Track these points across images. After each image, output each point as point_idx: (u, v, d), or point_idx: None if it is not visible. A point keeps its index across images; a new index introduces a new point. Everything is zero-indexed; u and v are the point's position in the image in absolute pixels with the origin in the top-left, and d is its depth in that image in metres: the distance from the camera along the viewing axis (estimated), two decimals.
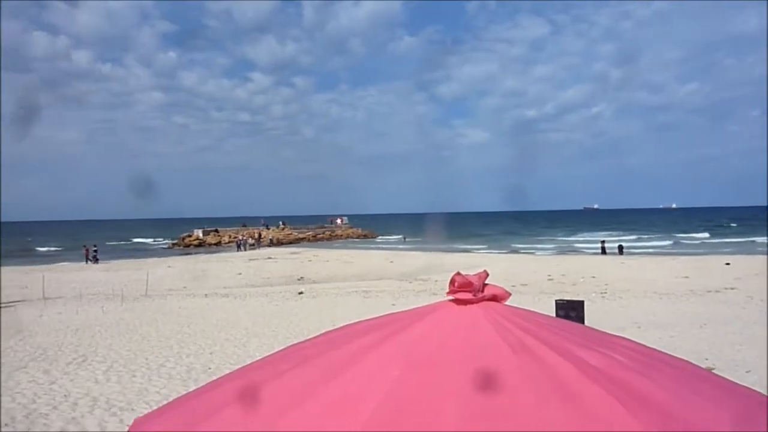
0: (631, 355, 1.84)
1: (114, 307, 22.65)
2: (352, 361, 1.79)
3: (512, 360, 1.68)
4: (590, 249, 58.79)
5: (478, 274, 2.16)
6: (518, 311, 2.13)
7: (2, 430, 8.72)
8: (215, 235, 78.86)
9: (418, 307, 2.29)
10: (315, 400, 1.65)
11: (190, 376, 11.87)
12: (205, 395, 2.04)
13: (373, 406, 1.56)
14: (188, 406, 1.99)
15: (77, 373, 12.18)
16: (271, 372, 1.98)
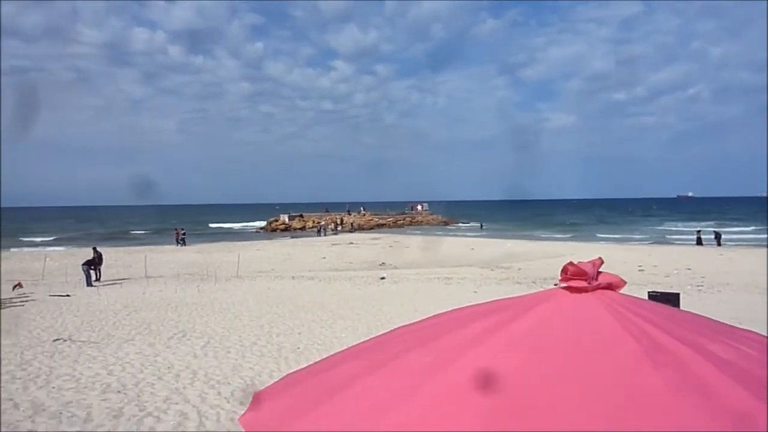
0: (761, 349, 1.75)
1: (208, 286, 23.91)
2: (468, 346, 1.81)
3: (637, 350, 1.64)
4: (684, 239, 55.56)
5: (592, 262, 2.12)
6: (636, 300, 2.07)
7: (115, 394, 9.48)
8: (300, 220, 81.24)
9: (527, 295, 2.28)
10: (436, 382, 1.70)
11: (280, 354, 12.37)
12: (323, 374, 2.14)
13: (496, 392, 1.59)
14: (308, 383, 2.09)
15: (178, 347, 13.01)
16: (386, 354, 2.04)
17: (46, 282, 25.05)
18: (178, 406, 8.98)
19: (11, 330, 15.04)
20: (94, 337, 14.15)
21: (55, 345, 13.21)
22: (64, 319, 16.46)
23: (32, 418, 8.39)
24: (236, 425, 8.06)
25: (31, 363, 11.60)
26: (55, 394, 9.59)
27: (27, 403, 9.09)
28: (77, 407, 8.89)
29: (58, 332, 14.66)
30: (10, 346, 13.18)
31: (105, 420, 8.33)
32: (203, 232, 76.09)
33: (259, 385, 10.06)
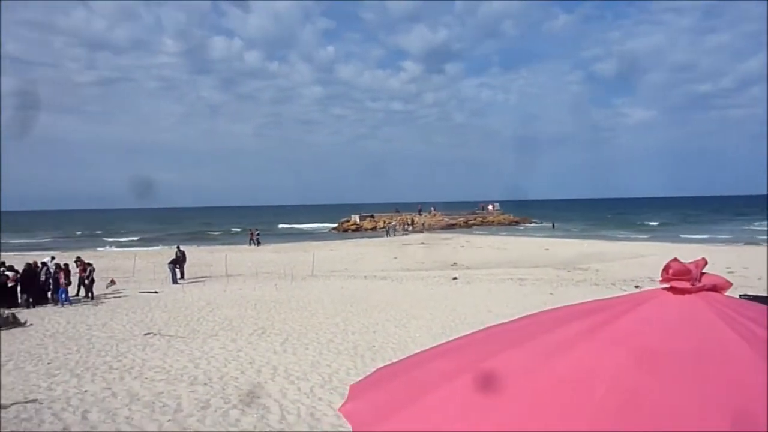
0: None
1: (285, 285, 24.62)
2: (568, 346, 1.81)
3: (750, 354, 1.59)
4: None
5: (696, 262, 2.05)
6: (744, 303, 1.99)
7: (202, 387, 9.95)
8: (371, 221, 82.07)
9: (626, 295, 2.24)
10: (537, 382, 1.70)
11: (356, 352, 12.58)
12: (418, 369, 2.19)
13: (601, 391, 1.58)
14: (404, 378, 2.15)
15: (258, 343, 13.49)
16: (481, 352, 2.07)
17: (136, 279, 26.60)
18: (260, 399, 9.32)
19: (107, 323, 16.10)
20: (181, 331, 14.90)
21: (146, 338, 14.02)
22: (153, 315, 17.43)
23: (128, 406, 8.95)
24: (316, 420, 8.30)
25: (126, 355, 12.37)
26: (148, 384, 10.19)
27: (123, 392, 9.70)
28: (168, 397, 9.41)
29: (149, 326, 15.54)
30: (107, 338, 14.12)
31: (194, 410, 8.76)
32: (276, 233, 78.28)
33: (337, 382, 10.29)
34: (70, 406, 8.99)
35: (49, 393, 9.70)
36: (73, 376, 10.75)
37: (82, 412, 8.67)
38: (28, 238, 70.76)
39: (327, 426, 8.02)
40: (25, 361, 11.90)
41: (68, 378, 10.61)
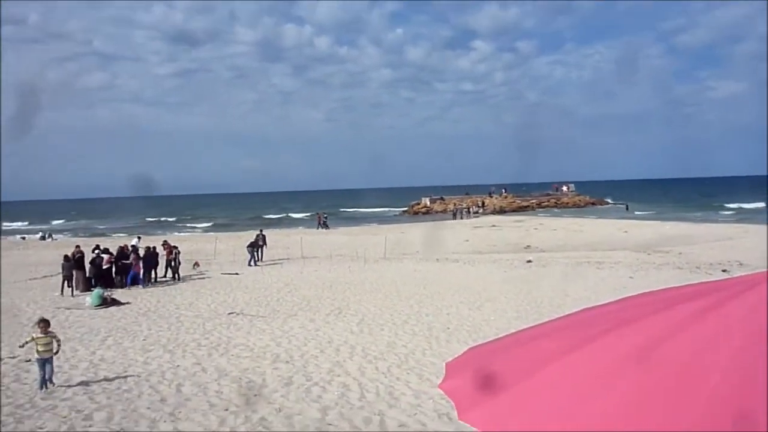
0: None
1: (359, 267, 25.07)
2: (678, 330, 1.78)
3: None
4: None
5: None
6: None
7: (284, 364, 10.36)
8: (441, 203, 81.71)
9: (728, 279, 2.18)
10: (650, 364, 1.69)
11: (431, 333, 12.69)
12: (516, 349, 2.23)
13: (716, 378, 1.56)
14: (502, 357, 2.19)
15: (336, 323, 13.86)
16: (582, 334, 2.07)
17: (218, 261, 27.83)
18: (340, 378, 9.61)
19: (194, 303, 17.00)
20: (262, 311, 15.53)
21: (230, 318, 14.71)
22: (236, 295, 18.23)
23: (218, 381, 9.46)
24: (394, 399, 8.47)
25: (212, 333, 13.04)
26: (234, 361, 10.72)
27: (212, 368, 10.26)
28: (253, 374, 9.87)
29: (231, 306, 16.29)
30: (194, 317, 14.92)
31: (278, 386, 9.16)
32: (346, 217, 79.39)
33: (413, 363, 10.43)
34: (165, 379, 9.61)
35: (145, 367, 10.40)
36: (166, 351, 11.47)
37: (176, 386, 9.25)
38: (115, 223, 75.37)
39: (405, 405, 8.17)
40: (123, 337, 12.78)
41: (162, 353, 11.33)
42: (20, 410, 8.10)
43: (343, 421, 7.54)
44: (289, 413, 7.85)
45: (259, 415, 7.75)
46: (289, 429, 7.22)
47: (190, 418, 7.66)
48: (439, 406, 7.94)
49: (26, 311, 16.25)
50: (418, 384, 9.14)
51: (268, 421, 7.51)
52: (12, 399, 8.64)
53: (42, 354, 8.94)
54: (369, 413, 7.84)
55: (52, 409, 8.16)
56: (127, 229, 61.79)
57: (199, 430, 7.24)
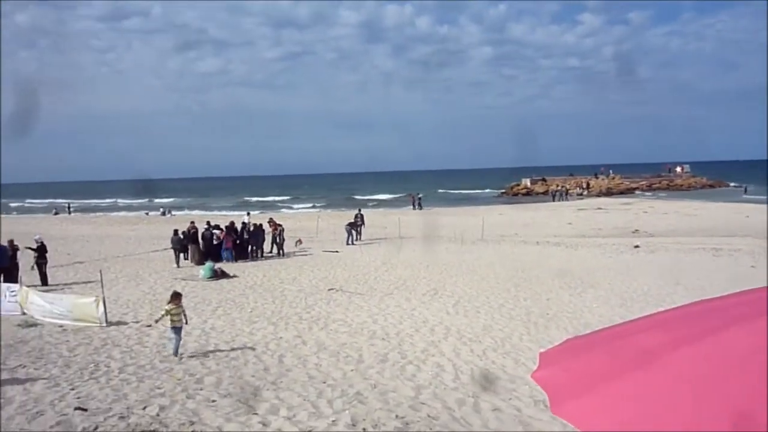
0: None
1: (455, 248, 24.94)
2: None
3: None
4: None
5: None
6: None
7: (380, 341, 10.57)
8: (542, 185, 79.14)
9: None
10: None
11: (529, 319, 12.41)
12: (619, 341, 2.11)
13: None
14: (603, 348, 2.09)
15: (431, 304, 13.91)
16: (695, 328, 1.93)
17: (319, 239, 28.77)
18: (434, 358, 9.66)
19: (296, 278, 17.73)
20: (360, 289, 15.90)
21: (330, 294, 15.19)
22: (335, 272, 18.78)
23: (317, 354, 9.84)
24: (489, 383, 8.39)
25: (313, 308, 13.55)
26: (333, 335, 11.08)
27: (312, 341, 10.67)
28: (351, 349, 10.16)
29: (331, 283, 16.81)
30: (296, 291, 15.56)
31: (374, 363, 9.36)
32: (442, 197, 78.89)
33: (509, 347, 10.27)
34: (268, 350, 10.12)
35: (251, 337, 11.01)
36: (270, 323, 12.06)
37: (279, 356, 9.72)
38: (221, 201, 79.92)
39: (500, 389, 8.08)
40: (231, 308, 13.59)
41: (266, 325, 11.93)
42: (141, 371, 8.87)
43: (436, 401, 7.59)
44: (383, 389, 8.01)
45: (355, 390, 7.98)
46: (384, 405, 7.37)
47: (290, 389, 8.03)
48: (536, 392, 7.76)
49: (148, 280, 17.69)
50: (513, 369, 9.00)
51: (363, 396, 7.71)
52: (135, 360, 9.47)
53: (175, 323, 9.69)
54: (463, 395, 7.83)
55: (168, 371, 8.86)
56: (235, 206, 65.34)
57: (298, 400, 7.57)
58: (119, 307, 13.40)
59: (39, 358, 9.55)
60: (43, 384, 8.16)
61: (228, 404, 7.38)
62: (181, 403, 7.38)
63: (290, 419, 6.91)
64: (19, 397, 7.63)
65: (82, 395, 7.71)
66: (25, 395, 7.70)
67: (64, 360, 9.48)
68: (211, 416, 6.95)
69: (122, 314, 12.86)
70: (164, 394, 7.74)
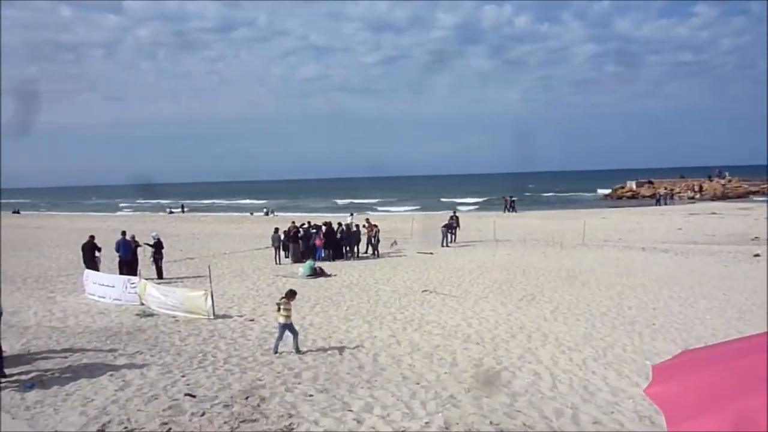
0: None
1: (554, 252, 24.12)
2: None
3: None
4: None
5: None
6: None
7: (474, 345, 10.42)
8: (649, 187, 74.76)
9: None
10: None
11: (633, 328, 11.74)
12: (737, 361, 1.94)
13: None
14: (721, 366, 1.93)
15: (528, 309, 13.54)
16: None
17: (413, 241, 28.88)
18: (531, 365, 9.39)
19: (391, 279, 17.91)
20: (454, 291, 15.78)
21: (424, 295, 15.20)
22: (429, 274, 18.77)
23: (410, 355, 9.87)
24: (590, 394, 8.03)
25: (407, 308, 13.62)
26: (427, 337, 11.07)
27: (406, 341, 10.72)
28: (444, 351, 10.10)
29: (425, 284, 16.81)
30: (391, 292, 15.71)
31: (467, 367, 9.25)
32: (540, 200, 76.57)
33: (612, 357, 9.78)
34: (363, 348, 10.29)
35: (346, 334, 11.25)
36: (365, 322, 12.27)
37: (373, 355, 9.85)
38: (324, 202, 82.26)
39: (601, 401, 7.71)
40: (329, 305, 13.96)
41: (361, 323, 12.15)
42: (244, 362, 9.32)
43: (532, 409, 7.37)
44: (477, 394, 7.89)
45: (448, 393, 7.92)
46: (478, 410, 7.26)
47: (384, 388, 8.11)
48: (641, 407, 7.35)
49: (251, 276, 18.58)
50: (616, 381, 8.56)
51: (456, 400, 7.64)
52: (238, 352, 9.97)
53: (285, 319, 10.07)
54: (561, 405, 7.55)
55: (269, 364, 9.24)
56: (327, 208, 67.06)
57: (392, 399, 7.63)
58: (225, 302, 14.17)
59: (154, 346, 10.30)
60: (157, 370, 8.79)
61: (324, 399, 7.58)
62: (280, 396, 7.68)
63: (384, 418, 6.98)
64: (137, 381, 8.27)
65: (191, 382, 8.22)
66: (142, 379, 8.33)
67: (176, 349, 10.15)
68: (308, 410, 7.17)
69: (228, 308, 13.59)
70: (265, 386, 8.08)
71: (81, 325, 12.07)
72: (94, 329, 11.70)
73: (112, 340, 10.70)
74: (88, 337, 11.00)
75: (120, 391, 7.80)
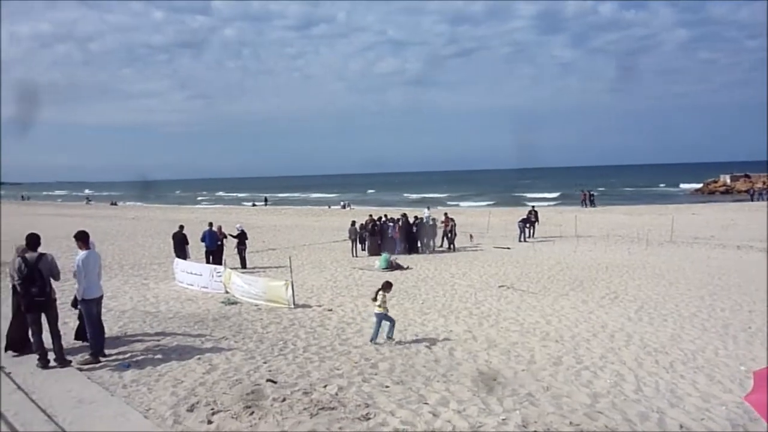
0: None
1: (639, 249, 23.08)
2: None
3: None
4: None
5: None
6: None
7: (553, 343, 10.17)
8: (745, 182, 69.91)
9: None
10: None
11: (726, 332, 11.05)
12: None
13: None
14: None
15: (611, 308, 13.05)
16: None
17: (490, 235, 28.52)
18: (614, 366, 9.05)
19: (467, 273, 17.77)
20: (532, 287, 15.45)
21: (501, 291, 14.98)
22: (506, 269, 18.47)
23: (487, 351, 9.76)
24: (677, 398, 7.65)
25: (483, 303, 13.48)
26: (504, 333, 10.91)
27: (482, 337, 10.62)
28: (522, 348, 9.92)
29: (502, 280, 16.56)
30: (466, 287, 15.60)
31: (546, 365, 9.04)
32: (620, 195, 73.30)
33: (702, 361, 9.26)
34: (439, 341, 10.29)
35: (422, 328, 11.28)
36: (441, 316, 12.25)
37: (449, 349, 9.82)
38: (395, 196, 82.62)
39: (690, 406, 7.32)
40: (404, 299, 14.05)
41: (437, 317, 12.14)
42: (323, 351, 9.55)
43: (615, 411, 7.11)
44: (556, 393, 7.70)
45: (526, 390, 7.78)
46: (557, 409, 7.09)
47: (460, 383, 8.07)
48: (734, 415, 6.93)
49: (329, 268, 19.00)
50: (707, 386, 8.09)
51: (534, 398, 7.49)
52: (317, 341, 10.24)
53: (382, 310, 10.22)
54: (646, 408, 7.23)
55: (346, 354, 9.43)
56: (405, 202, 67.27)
57: (468, 395, 7.59)
58: (305, 292, 14.58)
59: (238, 332, 10.76)
60: (241, 356, 9.18)
61: (400, 391, 7.65)
62: (357, 386, 7.81)
63: (460, 413, 6.95)
64: (223, 365, 8.67)
65: (272, 369, 8.52)
66: (227, 364, 8.72)
67: (258, 336, 10.56)
68: (384, 401, 7.26)
69: (307, 298, 13.97)
70: (342, 375, 8.25)
71: (171, 311, 12.79)
72: (183, 315, 12.37)
73: (200, 326, 11.27)
74: (177, 322, 11.64)
75: (207, 374, 8.20)
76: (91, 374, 7.93)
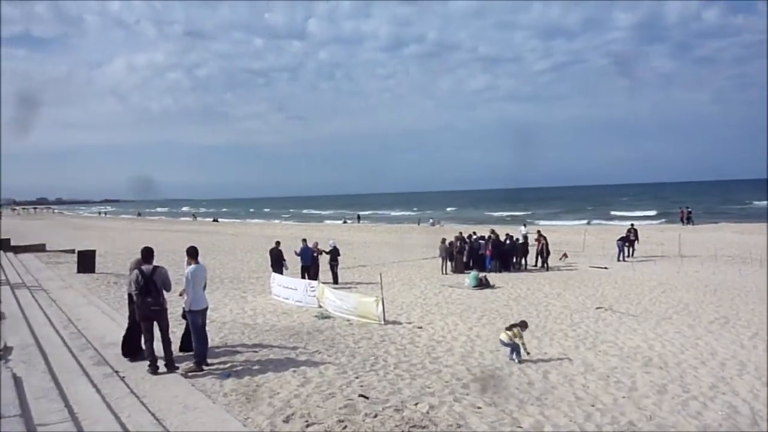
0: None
1: (752, 271, 21.34)
2: None
3: None
4: None
5: None
6: None
7: (657, 370, 9.60)
8: None
9: None
10: None
11: None
12: None
13: None
14: None
15: (721, 334, 12.14)
16: None
17: (585, 254, 27.43)
18: (725, 396, 8.41)
19: (561, 294, 17.19)
20: (632, 310, 14.68)
21: (598, 312, 14.35)
22: (604, 290, 17.68)
23: (584, 375, 9.37)
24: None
25: (579, 325, 12.97)
26: (602, 357, 10.44)
27: (579, 360, 10.21)
28: (622, 374, 9.44)
29: (599, 301, 15.87)
30: (561, 307, 15.08)
31: (649, 392, 8.55)
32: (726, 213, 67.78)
33: None
34: (532, 363, 10.00)
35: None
36: (534, 337, 11.90)
37: (543, 372, 9.53)
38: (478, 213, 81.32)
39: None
40: (495, 318, 13.81)
41: (530, 338, 11.76)
42: (413, 368, 9.57)
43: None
44: (661, 423, 7.26)
45: (627, 419, 7.40)
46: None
47: (555, 407, 7.81)
48: None
49: (419, 285, 19.03)
50: None
51: (637, 427, 7.11)
52: (408, 358, 10.27)
53: (509, 339, 10.21)
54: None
55: (437, 372, 9.39)
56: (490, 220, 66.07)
57: (564, 420, 7.32)
58: (395, 308, 14.69)
59: (331, 347, 11.00)
60: (334, 369, 9.37)
61: (492, 413, 7.50)
62: (448, 405, 7.75)
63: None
64: (316, 378, 8.89)
65: (364, 384, 8.64)
66: (320, 377, 8.94)
67: (350, 350, 10.74)
68: (477, 422, 7.15)
69: (397, 314, 14.07)
70: (433, 394, 8.22)
71: (268, 323, 13.30)
72: (279, 327, 12.83)
73: (295, 339, 11.63)
74: (274, 334, 12.08)
75: (301, 387, 8.44)
76: (195, 381, 8.38)
